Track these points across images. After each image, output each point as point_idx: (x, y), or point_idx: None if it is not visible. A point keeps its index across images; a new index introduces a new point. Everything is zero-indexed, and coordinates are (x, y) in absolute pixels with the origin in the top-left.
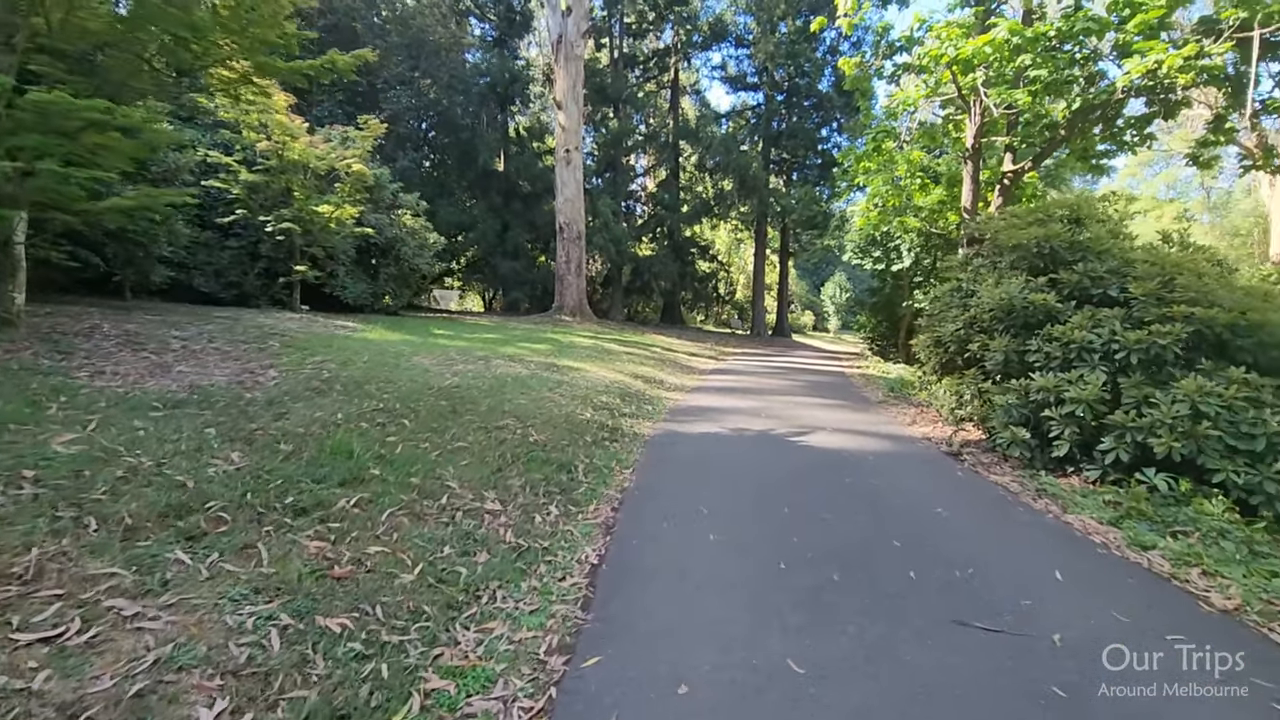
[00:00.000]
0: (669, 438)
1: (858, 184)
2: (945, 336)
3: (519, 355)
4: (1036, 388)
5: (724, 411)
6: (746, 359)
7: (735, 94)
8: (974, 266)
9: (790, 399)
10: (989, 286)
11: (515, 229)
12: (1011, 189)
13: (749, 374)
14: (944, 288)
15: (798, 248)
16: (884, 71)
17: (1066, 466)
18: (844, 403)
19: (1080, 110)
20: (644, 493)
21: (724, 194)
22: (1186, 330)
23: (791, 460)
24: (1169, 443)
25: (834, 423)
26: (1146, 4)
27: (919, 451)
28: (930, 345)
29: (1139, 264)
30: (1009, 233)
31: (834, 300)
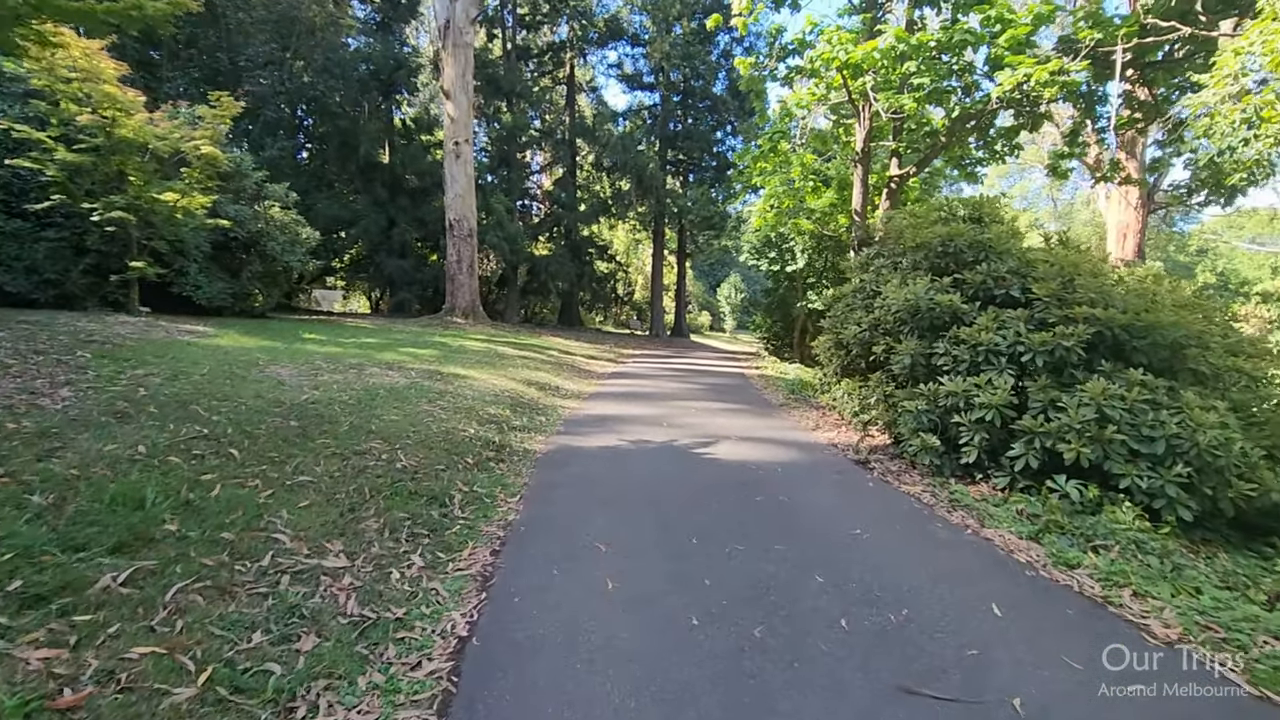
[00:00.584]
0: (564, 454)
1: (755, 184)
2: (848, 339)
3: (399, 362)
4: (945, 392)
5: (624, 421)
6: (646, 361)
7: (632, 93)
8: (875, 267)
9: (692, 404)
10: (893, 287)
11: (403, 225)
12: (897, 192)
13: (649, 377)
14: (846, 288)
15: (695, 248)
16: (777, 74)
17: (975, 474)
18: (746, 407)
19: (959, 118)
20: (532, 527)
21: (622, 194)
22: (1089, 332)
23: (697, 477)
24: (1078, 448)
25: (738, 430)
26: (1015, 20)
27: (827, 460)
28: (831, 347)
29: (1040, 264)
30: (912, 232)
31: (729, 301)
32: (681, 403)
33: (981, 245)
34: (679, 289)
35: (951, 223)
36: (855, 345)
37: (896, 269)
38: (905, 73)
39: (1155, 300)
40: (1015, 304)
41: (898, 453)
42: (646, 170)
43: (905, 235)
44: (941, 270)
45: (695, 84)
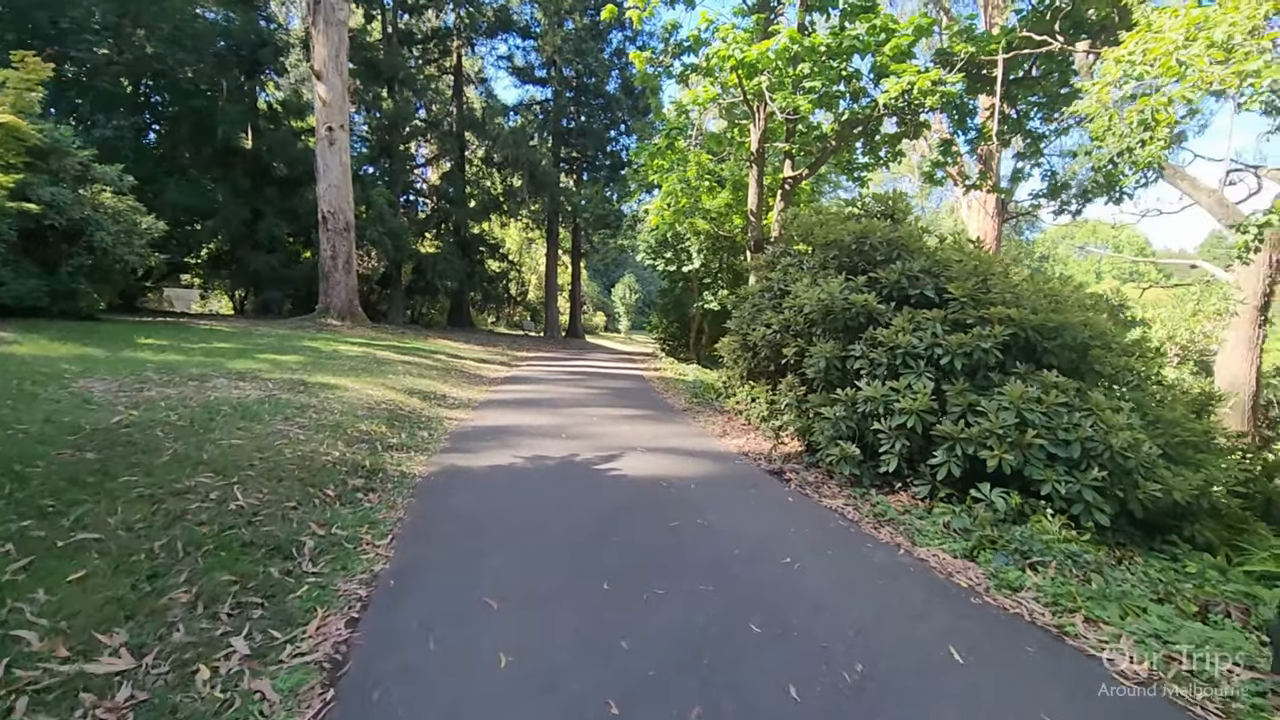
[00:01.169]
0: (448, 478)
1: (652, 181)
2: (756, 340)
3: (255, 372)
4: (864, 398)
5: (518, 433)
6: (541, 364)
7: (523, 87)
8: (783, 265)
9: (592, 411)
10: (804, 287)
11: (270, 218)
12: (791, 194)
13: (545, 382)
14: (753, 288)
15: (590, 248)
16: (673, 70)
17: (894, 483)
18: (649, 413)
19: (847, 123)
20: (405, 579)
21: (514, 190)
22: (1005, 333)
23: (605, 499)
24: (1000, 454)
25: (644, 439)
26: (897, 30)
27: (740, 472)
28: (737, 349)
29: (953, 263)
30: (823, 229)
31: (624, 301)
32: (581, 409)
33: (895, 243)
34: (574, 289)
35: (864, 219)
36: (764, 347)
37: (804, 268)
38: (799, 75)
39: (1059, 301)
40: (930, 304)
41: (813, 461)
42: (539, 166)
43: (816, 232)
44: (853, 269)
45: (588, 81)
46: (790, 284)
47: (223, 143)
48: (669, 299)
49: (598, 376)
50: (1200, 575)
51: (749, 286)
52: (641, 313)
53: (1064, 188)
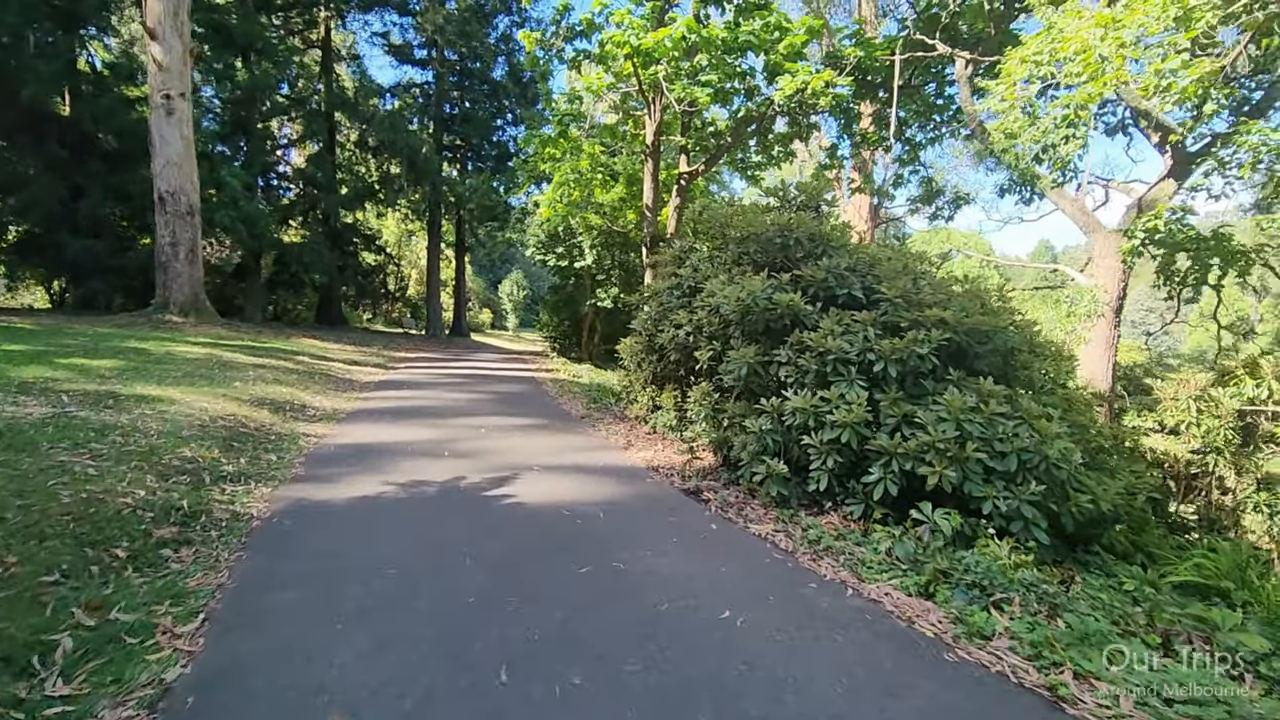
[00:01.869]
0: (297, 518)
1: (543, 171)
2: (664, 342)
3: (48, 381)
4: (792, 409)
5: (392, 451)
6: (422, 366)
7: (401, 68)
8: (693, 261)
9: (481, 421)
10: (720, 284)
11: (94, 196)
12: (687, 189)
13: (426, 386)
14: (660, 285)
15: (475, 242)
16: (564, 55)
17: (824, 502)
18: (544, 422)
19: (742, 120)
20: (209, 697)
21: (391, 177)
22: (942, 337)
23: (497, 540)
24: (941, 470)
25: (541, 455)
26: (791, 29)
27: (653, 494)
28: (641, 351)
29: (882, 261)
30: (742, 220)
31: (512, 298)
32: (467, 420)
33: (820, 238)
34: (458, 285)
35: (784, 211)
36: (674, 350)
37: (718, 263)
38: (696, 66)
39: (986, 304)
40: (857, 305)
41: (732, 478)
42: (419, 153)
43: (732, 224)
44: (773, 266)
45: (473, 65)
46: (702, 281)
47: (30, 107)
48: (560, 296)
49: (486, 379)
50: (1141, 593)
51: (654, 284)
52: (530, 310)
53: (939, 193)
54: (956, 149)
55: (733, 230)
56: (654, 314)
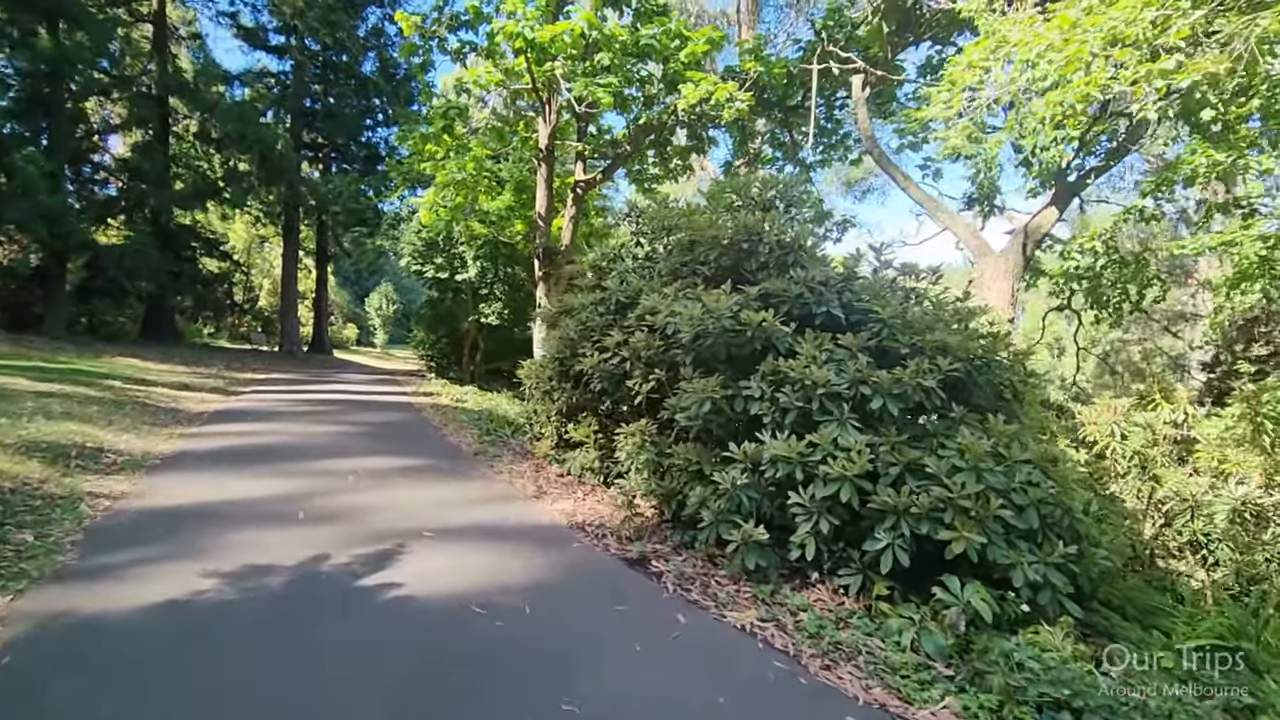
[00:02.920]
0: (35, 657)
1: (423, 171)
2: (587, 368)
3: None
4: (772, 457)
5: (222, 518)
6: (274, 389)
7: (253, 54)
8: (620, 271)
9: (349, 464)
10: (664, 300)
11: None
12: (583, 199)
13: (278, 416)
14: (582, 299)
15: (339, 250)
16: (447, 45)
17: (810, 572)
18: (431, 461)
19: (642, 128)
20: None
21: (239, 174)
22: (950, 367)
23: (377, 679)
24: (966, 534)
25: (432, 513)
26: (692, 38)
27: (590, 567)
28: (553, 378)
29: (861, 276)
30: (695, 220)
31: (381, 313)
32: (331, 463)
33: (791, 245)
34: (318, 297)
35: (749, 209)
36: (599, 379)
37: (655, 274)
38: (596, 65)
39: (971, 329)
40: (837, 326)
41: (684, 539)
42: (273, 149)
43: (680, 225)
44: (735, 277)
45: (339, 58)
46: (634, 295)
47: None
48: (438, 311)
49: (353, 406)
50: (1180, 669)
51: (569, 298)
52: (401, 325)
53: (827, 215)
54: (829, 176)
55: (679, 234)
56: (573, 334)
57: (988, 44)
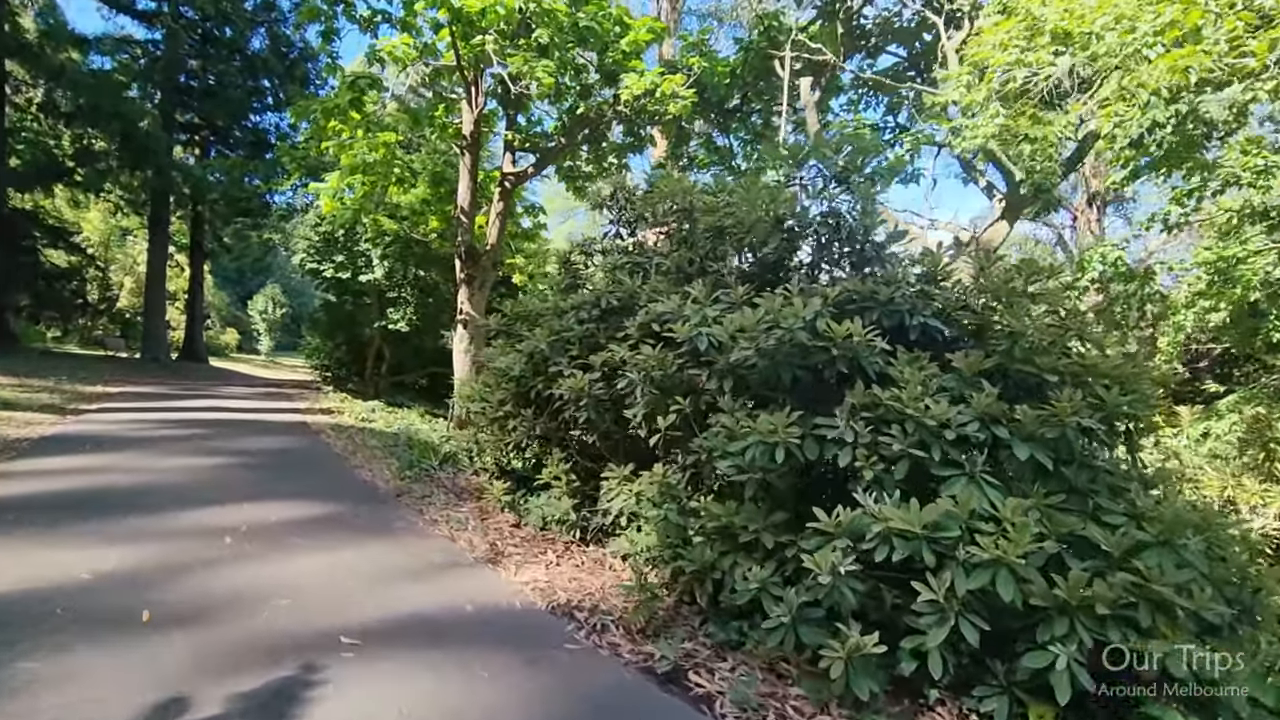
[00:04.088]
0: None
1: (325, 151)
2: (569, 393)
3: None
4: (886, 531)
5: (15, 625)
6: (130, 408)
7: (115, 19)
8: (609, 265)
9: (226, 519)
10: (688, 303)
11: None
12: (511, 193)
13: (130, 446)
14: (557, 300)
15: (219, 246)
16: (355, 10)
17: (926, 690)
18: (338, 509)
19: (578, 119)
20: None
21: (94, 154)
22: (1120, 401)
23: None
24: (1175, 640)
25: (352, 600)
26: (635, 26)
27: (602, 689)
28: (509, 401)
29: (948, 271)
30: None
31: (267, 316)
32: (199, 517)
33: (869, 229)
34: (192, 298)
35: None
36: (585, 406)
37: (647, 271)
38: (533, 43)
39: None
40: (936, 343)
41: (732, 639)
42: (139, 127)
43: (708, 208)
44: (766, 278)
45: (221, 32)
46: (632, 298)
47: None
48: (336, 315)
49: (232, 428)
50: None
51: (547, 299)
52: (290, 331)
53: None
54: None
55: (708, 217)
56: (543, 347)
57: (1012, 23)
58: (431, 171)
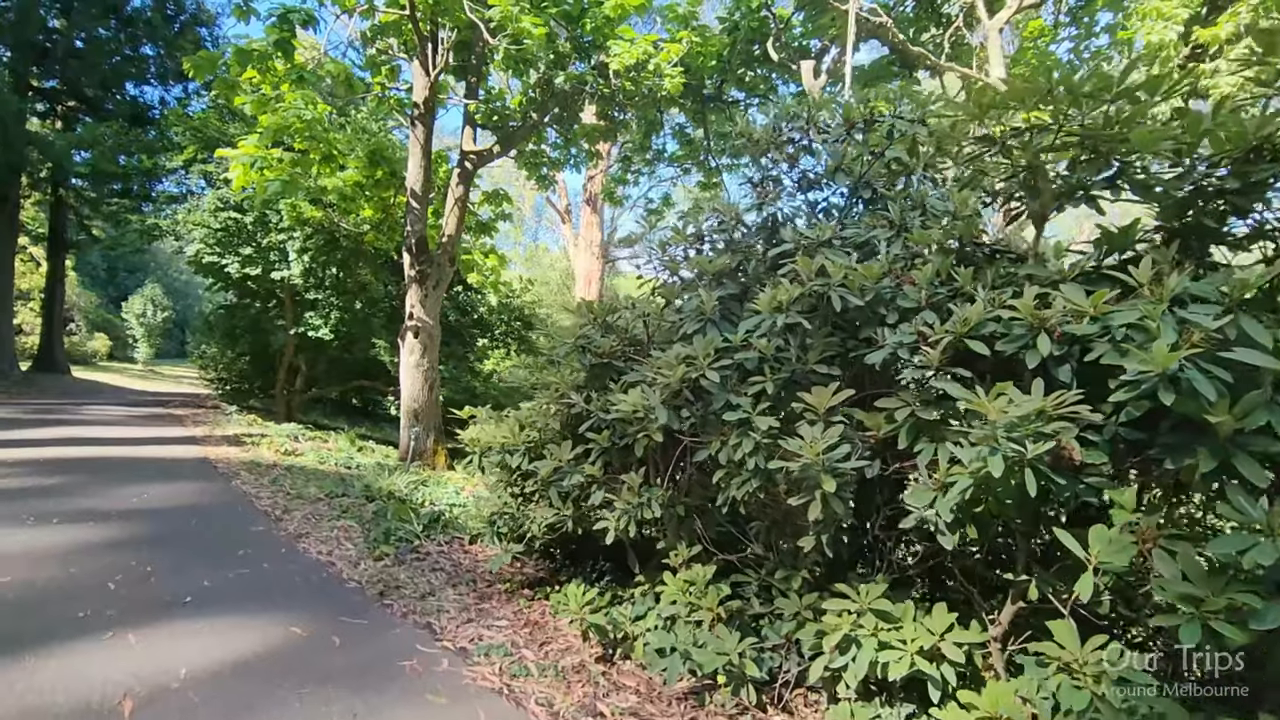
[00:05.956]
0: None
1: (240, 106)
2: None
3: None
4: None
5: None
6: None
7: None
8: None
9: (85, 684)
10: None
11: None
12: (472, 175)
13: None
14: (778, 295)
15: (86, 237)
16: None
17: None
18: (291, 635)
19: (552, 95)
20: None
21: None
22: None
23: None
24: None
25: None
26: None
27: None
28: (599, 457)
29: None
30: None
31: (145, 321)
32: (32, 676)
33: None
34: (51, 297)
35: None
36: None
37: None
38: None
39: None
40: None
41: None
42: None
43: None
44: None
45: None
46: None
47: None
48: (239, 319)
49: (104, 473)
50: None
51: (776, 291)
52: (173, 337)
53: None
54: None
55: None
56: (706, 377)
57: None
58: (370, 148)
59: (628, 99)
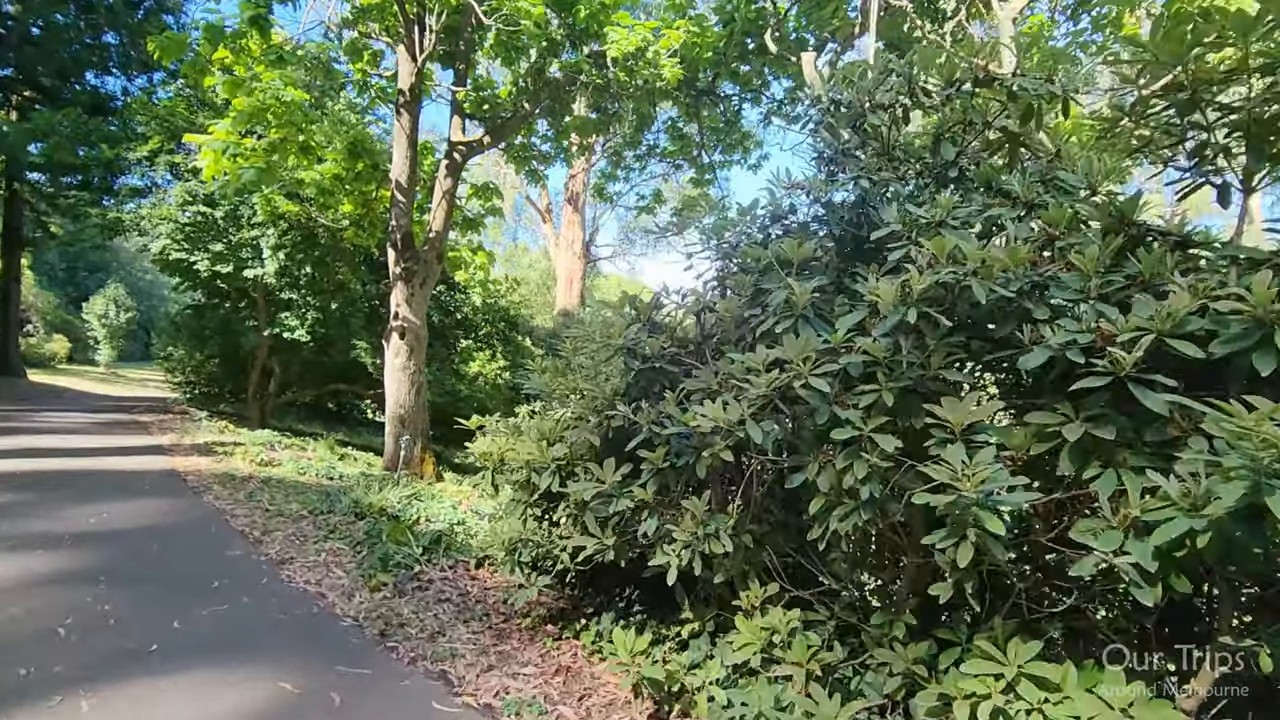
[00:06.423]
0: None
1: (210, 88)
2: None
3: None
4: None
5: None
6: None
7: None
8: None
9: None
10: None
11: None
12: (461, 167)
13: None
14: (923, 280)
15: (41, 233)
16: None
17: None
18: (281, 693)
19: (545, 83)
20: None
21: None
22: None
23: None
24: None
25: None
26: None
27: None
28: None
29: None
30: None
31: (107, 322)
32: None
33: None
34: (5, 298)
35: None
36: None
37: None
38: None
39: None
40: None
41: None
42: None
43: None
44: None
45: None
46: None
47: None
48: (209, 320)
49: (61, 488)
50: None
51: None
52: (136, 338)
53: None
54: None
55: None
56: (803, 381)
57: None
58: (350, 138)
59: (622, 89)
